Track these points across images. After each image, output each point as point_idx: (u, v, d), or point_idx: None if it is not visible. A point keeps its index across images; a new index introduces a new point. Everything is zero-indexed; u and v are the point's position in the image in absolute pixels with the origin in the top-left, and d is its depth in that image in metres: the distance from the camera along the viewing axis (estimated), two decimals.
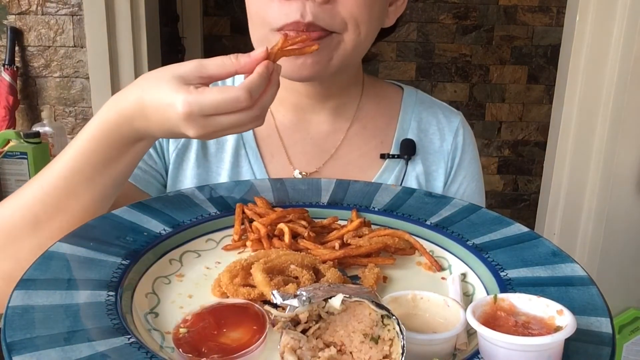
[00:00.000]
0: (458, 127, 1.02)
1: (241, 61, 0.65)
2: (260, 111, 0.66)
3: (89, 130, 0.70)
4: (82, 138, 0.71)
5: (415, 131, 1.00)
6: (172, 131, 0.66)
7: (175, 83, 0.63)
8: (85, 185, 0.71)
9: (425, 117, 1.02)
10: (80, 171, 0.71)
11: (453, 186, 1.00)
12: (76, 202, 0.72)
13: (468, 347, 0.54)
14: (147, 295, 0.62)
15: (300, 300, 0.49)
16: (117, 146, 0.70)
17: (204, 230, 0.75)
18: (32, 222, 0.72)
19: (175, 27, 3.24)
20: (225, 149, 0.96)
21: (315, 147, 0.97)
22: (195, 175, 0.95)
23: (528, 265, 0.64)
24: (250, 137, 0.96)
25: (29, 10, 2.29)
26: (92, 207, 0.73)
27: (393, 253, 0.72)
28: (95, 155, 0.70)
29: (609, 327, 0.52)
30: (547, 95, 3.61)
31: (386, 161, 0.97)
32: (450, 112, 1.04)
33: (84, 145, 0.70)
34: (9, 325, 0.50)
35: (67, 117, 2.40)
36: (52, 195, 0.71)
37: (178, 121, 0.63)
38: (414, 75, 3.66)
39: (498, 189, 3.84)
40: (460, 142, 1.01)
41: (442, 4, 3.54)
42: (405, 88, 1.06)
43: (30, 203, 0.72)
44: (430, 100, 1.06)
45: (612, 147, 1.93)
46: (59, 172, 0.71)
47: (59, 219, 0.72)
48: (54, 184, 0.71)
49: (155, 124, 0.66)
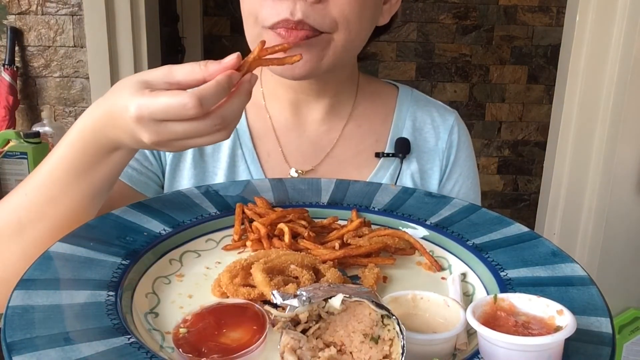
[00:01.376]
0: (453, 125, 1.02)
1: (210, 68, 0.62)
2: (219, 122, 0.62)
3: (68, 138, 0.70)
4: (62, 145, 0.70)
5: (410, 130, 1.00)
6: (134, 137, 0.64)
7: (136, 88, 0.62)
8: (64, 193, 0.70)
9: (420, 116, 1.02)
10: (59, 178, 0.70)
11: (448, 184, 1.00)
12: (56, 210, 0.71)
13: (468, 347, 0.54)
14: (147, 295, 0.62)
15: (300, 300, 0.49)
16: (94, 154, 0.69)
17: (204, 230, 0.75)
18: (16, 227, 0.72)
19: (175, 27, 3.24)
20: (221, 149, 0.96)
21: (311, 146, 0.98)
22: (192, 175, 0.95)
23: (528, 265, 0.64)
24: (246, 137, 0.97)
25: (29, 10, 2.29)
26: (72, 215, 0.72)
27: (393, 253, 0.72)
28: (73, 162, 0.69)
29: (609, 327, 0.52)
30: (547, 95, 3.61)
31: (381, 160, 0.98)
32: (445, 110, 1.05)
33: (63, 152, 0.70)
34: (9, 325, 0.50)
35: (67, 117, 2.40)
36: (34, 201, 0.71)
37: (132, 125, 0.62)
38: (413, 75, 3.66)
39: (498, 189, 3.84)
40: (455, 140, 1.01)
41: (442, 4, 3.54)
42: (401, 87, 1.06)
43: (15, 208, 0.72)
44: (425, 99, 1.06)
45: (612, 147, 1.93)
46: (40, 179, 0.71)
47: (40, 225, 0.71)
48: (35, 191, 0.71)
49: (121, 131, 0.65)
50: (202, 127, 0.62)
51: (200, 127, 0.62)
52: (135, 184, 0.91)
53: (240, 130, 0.97)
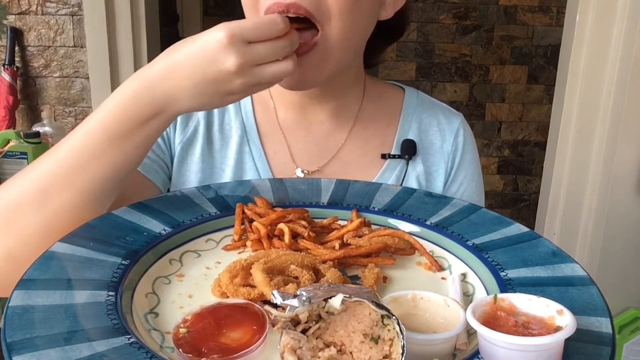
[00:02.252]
0: (458, 128, 1.02)
1: None
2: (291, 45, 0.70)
3: (106, 104, 0.70)
4: (97, 113, 0.70)
5: (416, 132, 1.01)
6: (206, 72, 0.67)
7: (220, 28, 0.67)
8: (96, 161, 0.70)
9: (426, 118, 1.02)
10: (92, 144, 0.70)
11: (453, 186, 1.00)
12: (85, 178, 0.70)
13: (468, 347, 0.54)
14: (147, 295, 0.62)
15: (300, 300, 0.49)
16: (133, 119, 0.70)
17: (204, 230, 0.75)
18: (39, 196, 0.70)
19: (175, 27, 3.24)
20: (229, 146, 0.97)
21: (317, 146, 0.98)
22: (199, 170, 0.95)
23: (528, 265, 0.64)
24: (254, 134, 0.97)
25: (29, 10, 2.29)
26: (100, 186, 0.72)
27: (393, 253, 0.72)
28: (110, 127, 0.70)
29: (609, 327, 0.52)
30: (547, 95, 3.61)
31: (387, 161, 0.98)
32: (451, 113, 1.05)
33: (99, 118, 0.70)
34: (9, 325, 0.50)
35: (67, 117, 2.40)
36: (63, 168, 0.70)
37: (219, 50, 0.66)
38: (414, 75, 3.66)
39: (498, 189, 3.84)
40: (460, 142, 1.01)
41: (442, 4, 3.54)
42: (407, 89, 1.06)
43: (40, 176, 0.71)
44: (431, 101, 1.06)
45: (612, 147, 1.93)
46: (71, 146, 0.71)
47: (65, 195, 0.70)
48: (65, 157, 0.71)
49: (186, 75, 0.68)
50: (281, 47, 0.69)
51: (279, 47, 0.69)
52: (146, 171, 0.91)
53: (248, 127, 0.97)
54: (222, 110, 0.99)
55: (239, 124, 0.97)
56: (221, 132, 0.97)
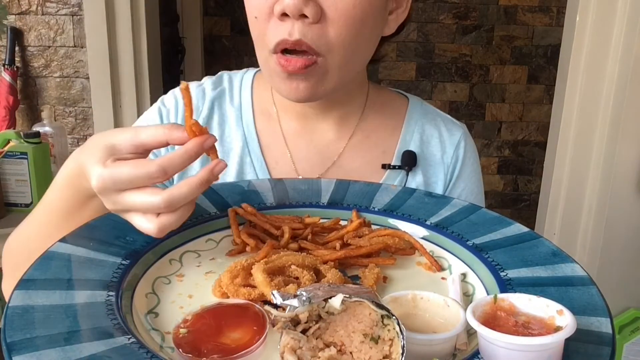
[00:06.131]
0: (460, 139, 1.02)
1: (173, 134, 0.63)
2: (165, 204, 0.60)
3: (56, 181, 0.74)
4: (52, 188, 0.75)
5: (417, 143, 1.01)
6: None
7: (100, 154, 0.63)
8: (58, 231, 0.71)
9: (428, 129, 1.03)
10: (51, 221, 0.75)
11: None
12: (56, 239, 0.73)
13: (468, 347, 0.54)
14: (147, 296, 0.62)
15: (300, 300, 0.49)
16: (78, 198, 0.72)
17: (204, 231, 0.75)
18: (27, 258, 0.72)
19: (175, 27, 3.24)
20: (230, 157, 0.97)
21: (318, 154, 0.98)
22: None
23: (528, 265, 0.64)
24: (255, 145, 0.97)
25: (29, 10, 2.29)
26: None
27: (393, 253, 0.72)
28: (61, 205, 0.74)
29: (609, 327, 0.52)
30: (547, 95, 3.62)
31: (387, 171, 0.98)
32: (453, 124, 1.05)
33: (53, 196, 0.75)
34: (9, 325, 0.50)
35: (67, 117, 2.40)
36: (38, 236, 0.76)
37: None
38: (414, 75, 3.67)
39: (498, 189, 3.84)
40: (460, 154, 1.02)
41: (442, 4, 3.55)
42: (411, 99, 1.06)
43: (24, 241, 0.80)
44: (434, 111, 1.06)
45: (612, 147, 1.93)
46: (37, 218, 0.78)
47: None
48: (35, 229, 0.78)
49: None
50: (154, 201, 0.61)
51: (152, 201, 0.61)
52: None
53: (249, 138, 0.98)
54: (222, 122, 0.99)
55: (240, 135, 0.98)
56: (222, 145, 0.97)
